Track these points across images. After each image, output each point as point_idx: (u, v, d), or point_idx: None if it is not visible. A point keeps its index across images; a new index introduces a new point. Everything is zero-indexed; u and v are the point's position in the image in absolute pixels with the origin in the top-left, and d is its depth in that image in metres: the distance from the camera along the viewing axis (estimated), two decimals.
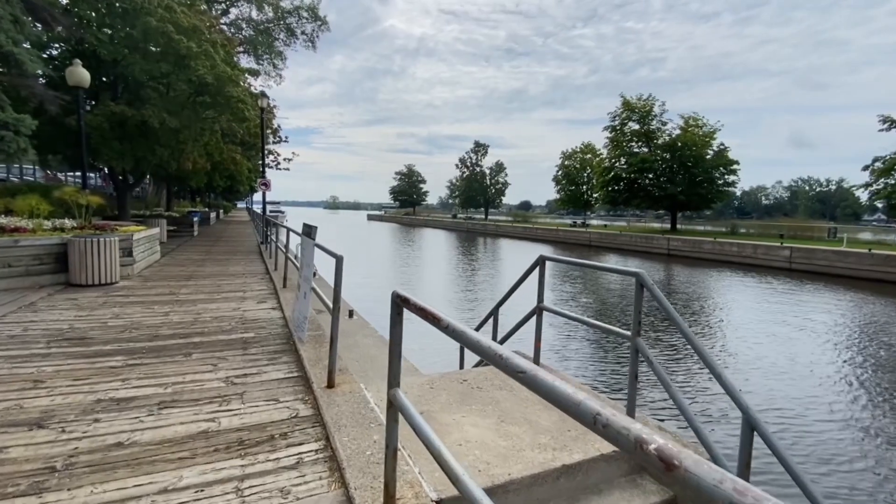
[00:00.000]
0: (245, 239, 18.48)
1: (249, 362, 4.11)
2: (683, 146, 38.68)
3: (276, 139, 28.93)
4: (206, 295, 6.99)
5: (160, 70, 11.44)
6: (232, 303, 6.52)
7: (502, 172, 75.44)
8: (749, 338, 10.69)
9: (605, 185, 44.83)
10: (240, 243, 16.50)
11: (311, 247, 4.34)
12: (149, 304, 6.28)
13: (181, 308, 6.09)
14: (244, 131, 18.25)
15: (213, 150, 16.58)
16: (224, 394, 3.40)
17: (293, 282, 7.81)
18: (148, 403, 3.18)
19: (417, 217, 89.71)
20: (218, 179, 23.07)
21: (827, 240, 31.86)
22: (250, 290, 7.47)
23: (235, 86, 12.12)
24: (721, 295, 16.74)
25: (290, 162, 31.47)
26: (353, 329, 7.54)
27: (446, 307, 13.42)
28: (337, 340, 3.41)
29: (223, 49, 12.53)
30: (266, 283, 8.13)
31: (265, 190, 15.25)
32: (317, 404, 3.18)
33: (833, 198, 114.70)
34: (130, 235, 8.28)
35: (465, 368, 4.85)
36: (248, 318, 5.67)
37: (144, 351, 4.31)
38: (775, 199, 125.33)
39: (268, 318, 5.71)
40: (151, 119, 11.32)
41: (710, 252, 30.91)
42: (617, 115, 42.68)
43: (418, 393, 3.37)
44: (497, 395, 3.39)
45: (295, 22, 28.28)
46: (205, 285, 7.79)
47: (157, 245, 10.76)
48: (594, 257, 32.17)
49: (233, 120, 14.23)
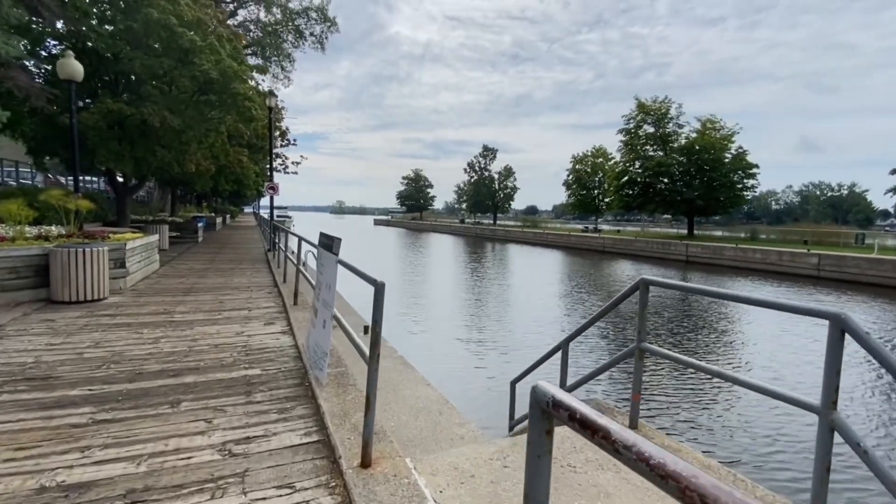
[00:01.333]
0: (251, 245, 17.63)
1: (254, 416, 3.15)
2: (701, 149, 37.50)
3: (285, 142, 28.11)
4: (206, 314, 6.06)
5: (162, 66, 10.62)
6: (235, 325, 5.58)
7: (511, 177, 74.42)
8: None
9: (619, 189, 43.70)
10: (246, 250, 15.65)
11: (333, 264, 3.40)
12: (137, 326, 5.35)
13: (175, 332, 5.15)
14: (251, 133, 17.46)
15: (219, 153, 15.76)
16: (219, 474, 2.44)
17: (305, 298, 6.87)
18: (110, 496, 2.23)
19: (424, 222, 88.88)
20: (224, 183, 22.27)
21: (854, 246, 30.58)
22: (256, 308, 6.53)
23: (242, 82, 11.28)
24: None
25: (298, 165, 30.55)
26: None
27: (470, 321, 12.45)
28: (375, 400, 2.43)
29: (229, 44, 11.71)
30: (274, 299, 7.20)
31: (273, 194, 14.38)
32: (349, 498, 2.21)
33: (845, 203, 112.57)
34: (123, 244, 7.39)
35: (520, 421, 3.84)
36: (253, 347, 4.72)
37: (121, 398, 3.36)
38: (786, 203, 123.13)
39: (277, 347, 4.75)
40: (151, 118, 10.48)
41: (733, 259, 29.74)
42: (632, 117, 41.60)
43: (490, 479, 2.39)
44: (601, 479, 2.40)
45: (304, 23, 27.62)
46: (205, 301, 6.87)
47: (155, 253, 9.88)
48: (609, 264, 31.08)
49: (239, 120, 13.40)
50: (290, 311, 6.13)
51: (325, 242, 3.66)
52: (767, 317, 13.04)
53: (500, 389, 6.56)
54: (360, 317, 8.31)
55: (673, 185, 39.51)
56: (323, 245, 3.70)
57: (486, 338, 10.53)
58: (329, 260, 3.53)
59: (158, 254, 10.32)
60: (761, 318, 13.03)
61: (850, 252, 25.92)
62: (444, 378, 6.91)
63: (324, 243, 3.68)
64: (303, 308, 6.33)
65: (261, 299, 7.18)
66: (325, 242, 3.63)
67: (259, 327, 5.49)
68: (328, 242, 3.56)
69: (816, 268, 25.42)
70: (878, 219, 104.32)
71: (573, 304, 15.09)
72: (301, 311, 6.13)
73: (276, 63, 27.33)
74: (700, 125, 39.12)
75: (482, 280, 21.21)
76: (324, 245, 3.68)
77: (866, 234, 32.23)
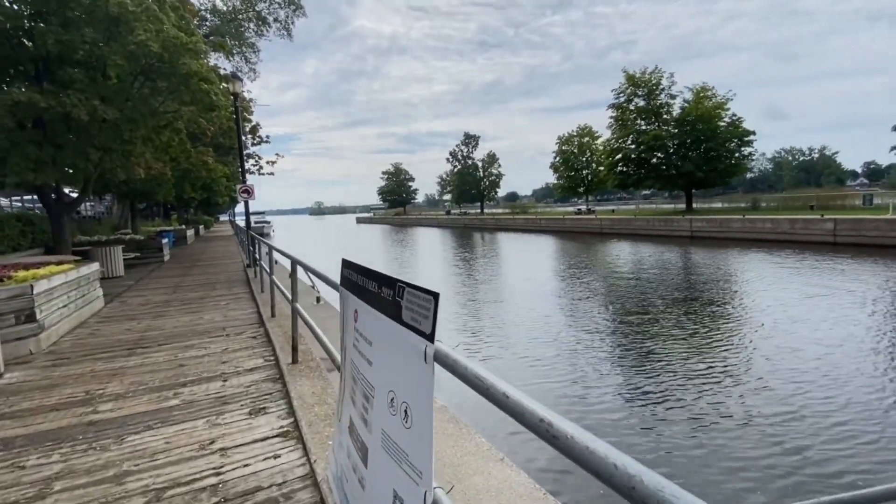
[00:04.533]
0: (227, 260, 15.11)
1: None
2: (697, 119, 35.96)
3: (256, 140, 25.13)
4: (153, 397, 3.74)
5: (84, 40, 8.08)
6: (199, 420, 3.29)
7: (495, 163, 72.23)
8: None
9: (612, 167, 41.98)
10: (221, 267, 13.16)
11: (373, 318, 1.24)
12: (24, 445, 3.03)
13: (88, 457, 2.85)
14: (216, 129, 14.84)
15: (178, 153, 13.12)
16: None
17: (308, 347, 4.62)
18: None
19: (409, 216, 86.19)
20: (190, 190, 19.43)
21: (864, 208, 29.58)
22: (235, 374, 4.23)
23: (194, 57, 8.79)
24: (829, 284, 13.68)
25: (273, 165, 27.49)
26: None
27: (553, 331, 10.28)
28: None
29: (174, 12, 9.19)
30: (261, 352, 4.89)
31: (247, 198, 11.92)
32: None
33: (816, 166, 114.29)
34: (28, 287, 4.98)
35: None
36: (231, 488, 2.47)
37: None
38: (760, 171, 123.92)
39: (277, 482, 2.52)
40: (76, 110, 7.95)
41: (741, 231, 28.36)
42: (622, 91, 39.78)
43: None
44: None
45: (266, 7, 24.80)
46: (156, 366, 4.53)
47: (95, 289, 7.42)
48: (608, 245, 29.29)
49: (198, 111, 10.84)
50: (288, 380, 3.85)
51: (348, 282, 1.47)
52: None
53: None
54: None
55: (668, 159, 38.00)
56: (346, 285, 1.51)
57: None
58: (358, 310, 1.34)
59: (101, 287, 7.84)
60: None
61: (865, 215, 24.82)
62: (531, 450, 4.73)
63: (347, 283, 1.49)
64: (308, 371, 4.07)
65: (241, 353, 4.86)
66: (350, 282, 1.44)
67: (240, 426, 3.21)
68: (354, 277, 1.36)
69: (832, 233, 24.31)
70: (848, 179, 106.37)
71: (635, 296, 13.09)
72: (307, 379, 3.86)
73: (238, 54, 24.50)
74: (693, 94, 37.58)
75: (540, 281, 19.04)
76: (348, 285, 1.48)
77: (873, 194, 31.17)
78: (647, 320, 10.37)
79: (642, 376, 7.06)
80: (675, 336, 9.01)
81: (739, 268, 17.84)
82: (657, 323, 10.08)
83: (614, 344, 8.85)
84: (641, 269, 18.57)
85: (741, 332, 9.17)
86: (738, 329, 9.45)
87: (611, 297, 13.29)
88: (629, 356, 8.09)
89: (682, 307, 11.45)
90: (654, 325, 9.93)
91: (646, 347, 8.44)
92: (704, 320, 10.12)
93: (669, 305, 11.68)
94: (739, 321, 10.09)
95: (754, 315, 10.48)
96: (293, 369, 4.10)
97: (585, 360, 7.92)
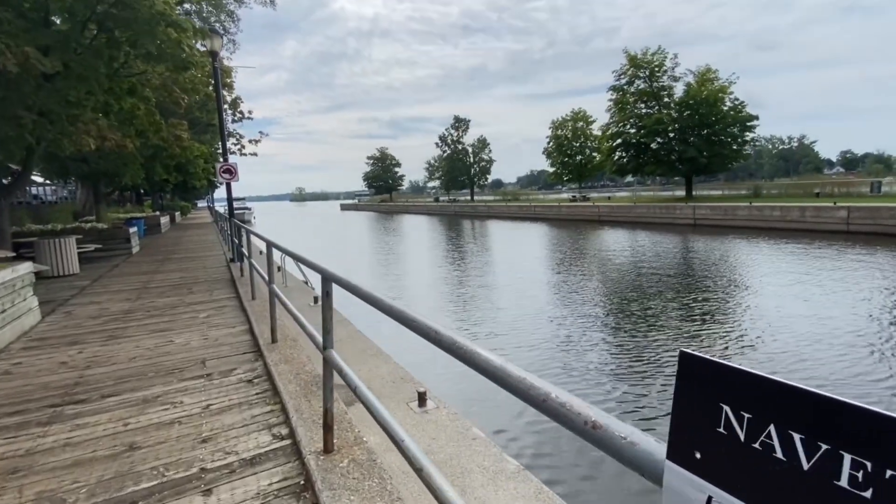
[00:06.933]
0: (206, 253, 13.06)
1: None
2: (702, 102, 34.63)
3: (238, 115, 22.56)
4: None
5: None
6: None
7: (486, 149, 70.18)
8: None
9: (611, 153, 40.55)
10: (199, 261, 11.16)
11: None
12: None
13: None
14: (190, 100, 12.66)
15: (146, 126, 10.89)
16: None
17: (343, 412, 2.87)
18: None
19: (396, 203, 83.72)
20: (161, 172, 17.03)
21: (873, 195, 28.88)
22: (226, 477, 2.47)
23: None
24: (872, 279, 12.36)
25: (257, 144, 24.85)
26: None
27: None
28: None
29: None
30: (266, 411, 3.12)
31: (230, 180, 9.93)
32: None
33: (795, 154, 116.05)
34: None
35: None
36: None
37: None
38: None
39: None
40: (3, 58, 5.89)
41: (748, 219, 27.29)
42: (623, 73, 38.13)
43: None
44: None
45: None
46: (92, 445, 2.73)
47: (24, 299, 5.46)
48: (605, 233, 27.94)
49: (167, 69, 8.75)
50: (308, 461, 2.10)
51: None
52: None
53: None
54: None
55: (669, 144, 36.73)
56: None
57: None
58: None
59: (42, 293, 5.88)
60: None
61: (880, 202, 23.99)
62: None
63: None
64: (357, 469, 2.32)
65: (232, 417, 3.07)
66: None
67: None
68: None
69: (845, 222, 23.39)
70: (825, 168, 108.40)
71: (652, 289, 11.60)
72: (335, 476, 2.12)
73: (217, 23, 21.93)
74: (696, 77, 36.18)
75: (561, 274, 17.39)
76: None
77: (882, 181, 30.45)
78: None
79: None
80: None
81: (796, 266, 16.40)
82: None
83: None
84: (671, 264, 17.08)
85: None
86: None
87: (680, 300, 11.76)
88: None
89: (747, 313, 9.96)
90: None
91: None
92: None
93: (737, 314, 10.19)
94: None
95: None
96: (329, 463, 2.33)
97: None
